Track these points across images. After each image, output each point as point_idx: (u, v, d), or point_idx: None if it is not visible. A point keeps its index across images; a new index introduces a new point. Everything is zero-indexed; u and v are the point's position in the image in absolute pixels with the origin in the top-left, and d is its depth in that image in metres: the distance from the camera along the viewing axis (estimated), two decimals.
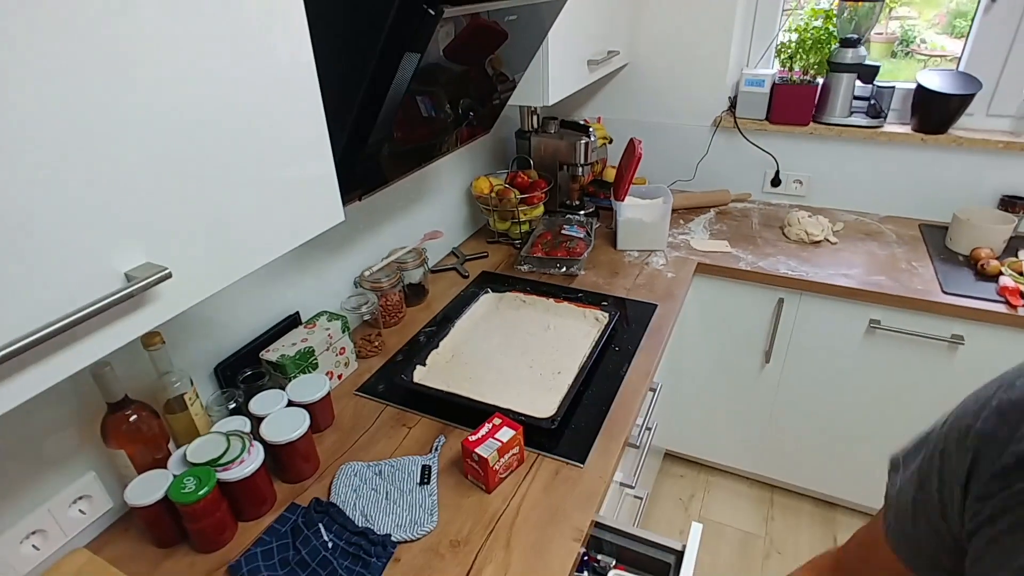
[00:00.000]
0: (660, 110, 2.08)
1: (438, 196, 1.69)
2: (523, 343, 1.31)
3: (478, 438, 0.95)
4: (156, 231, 0.56)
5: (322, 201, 0.76)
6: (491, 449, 0.93)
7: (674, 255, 1.71)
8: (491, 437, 0.95)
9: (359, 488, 0.97)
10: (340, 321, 1.20)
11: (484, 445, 0.94)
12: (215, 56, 0.57)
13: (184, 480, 0.85)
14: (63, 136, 0.47)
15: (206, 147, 0.59)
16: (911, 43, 2.02)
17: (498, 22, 1.01)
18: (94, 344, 0.52)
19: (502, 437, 0.95)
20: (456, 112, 1.19)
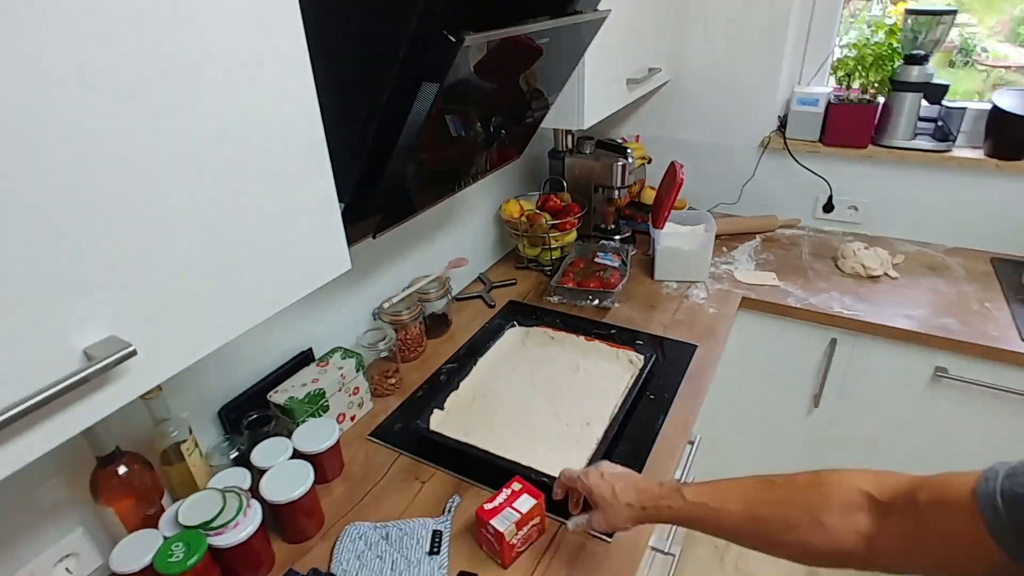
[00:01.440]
0: (703, 129, 1.95)
1: (465, 219, 1.60)
2: (550, 387, 1.21)
3: (495, 507, 0.86)
4: (124, 298, 0.48)
5: (324, 252, 0.68)
6: (508, 521, 0.83)
7: (716, 287, 1.59)
8: (509, 506, 0.85)
9: (363, 555, 0.88)
10: (355, 359, 1.13)
11: (501, 516, 0.84)
12: (202, 104, 0.50)
13: (172, 547, 0.77)
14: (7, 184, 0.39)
15: (185, 204, 0.51)
16: (971, 52, 1.85)
17: (532, 38, 0.92)
18: (39, 436, 0.45)
19: (521, 507, 0.85)
20: (487, 131, 1.10)
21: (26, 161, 0.40)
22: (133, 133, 0.46)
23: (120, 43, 0.44)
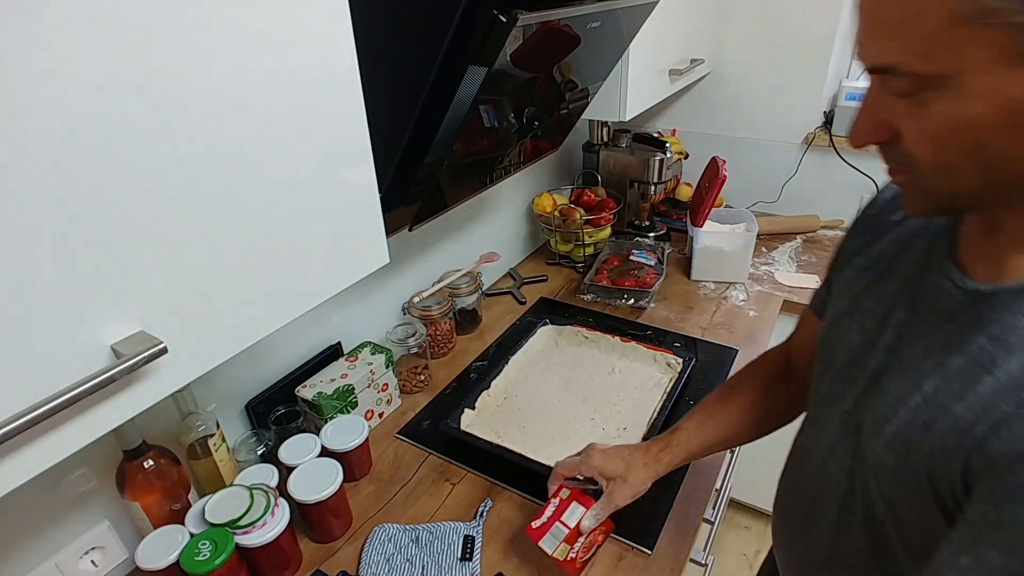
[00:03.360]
0: (744, 124, 1.88)
1: (496, 213, 1.56)
2: (584, 388, 1.16)
3: (542, 524, 0.80)
4: (153, 292, 0.45)
5: (363, 245, 0.64)
6: (557, 540, 0.78)
7: (756, 289, 1.52)
8: (558, 520, 0.80)
9: (392, 558, 0.85)
10: (384, 355, 1.09)
11: (549, 534, 0.79)
12: (246, 90, 0.46)
13: (199, 544, 0.75)
14: (38, 172, 0.36)
15: (219, 193, 0.48)
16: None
17: (572, 26, 0.87)
18: (63, 437, 0.42)
19: (570, 520, 0.80)
20: (520, 123, 1.06)
21: (51, 149, 0.37)
22: (165, 121, 0.42)
23: (157, 24, 0.40)
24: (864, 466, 0.52)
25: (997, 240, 0.45)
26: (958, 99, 0.37)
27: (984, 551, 0.40)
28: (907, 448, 0.47)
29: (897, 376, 0.50)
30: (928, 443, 0.45)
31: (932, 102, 0.38)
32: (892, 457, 0.48)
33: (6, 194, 0.35)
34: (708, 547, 1.13)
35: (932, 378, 0.46)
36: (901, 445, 0.47)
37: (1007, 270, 0.44)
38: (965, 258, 0.48)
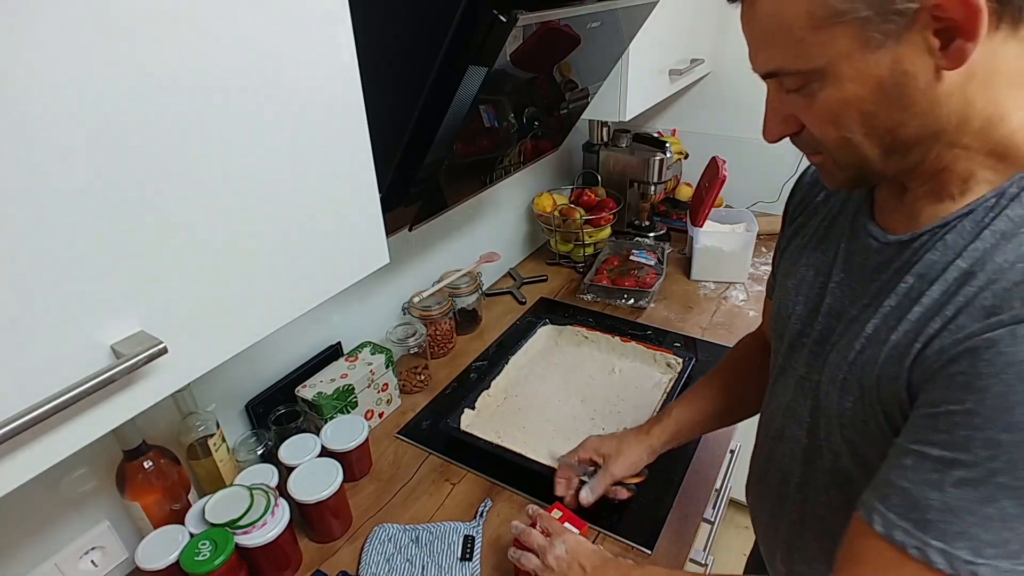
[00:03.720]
0: (743, 124, 1.88)
1: (496, 213, 1.56)
2: (584, 388, 1.17)
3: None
4: (154, 292, 0.45)
5: (363, 245, 0.64)
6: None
7: (756, 289, 1.52)
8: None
9: (392, 558, 0.85)
10: (384, 355, 1.09)
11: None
12: (246, 90, 0.46)
13: (199, 544, 0.75)
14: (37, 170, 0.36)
15: (218, 193, 0.48)
16: None
17: (572, 26, 0.87)
18: (63, 437, 0.42)
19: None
20: (520, 123, 1.06)
21: (51, 150, 0.37)
22: (164, 121, 0.42)
23: (156, 24, 0.40)
24: (826, 419, 0.56)
25: (905, 198, 0.51)
26: (837, 85, 0.44)
27: (924, 447, 0.43)
28: (860, 387, 0.51)
29: (843, 332, 0.54)
30: (875, 375, 0.49)
31: (818, 92, 0.45)
32: (850, 400, 0.52)
33: (6, 194, 0.35)
34: (708, 547, 1.13)
35: (872, 321, 0.50)
36: (855, 386, 0.51)
37: (919, 220, 0.49)
38: (883, 219, 0.54)
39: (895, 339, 0.47)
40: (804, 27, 0.43)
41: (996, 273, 0.42)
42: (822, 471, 0.59)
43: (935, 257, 0.47)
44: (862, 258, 0.55)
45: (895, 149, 0.46)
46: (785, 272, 0.65)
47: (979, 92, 0.42)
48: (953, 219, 0.46)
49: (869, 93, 0.43)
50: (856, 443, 0.53)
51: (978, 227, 0.45)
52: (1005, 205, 0.44)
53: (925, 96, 0.42)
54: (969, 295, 0.43)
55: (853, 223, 0.57)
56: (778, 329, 0.66)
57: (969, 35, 0.39)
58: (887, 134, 0.45)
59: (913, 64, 0.41)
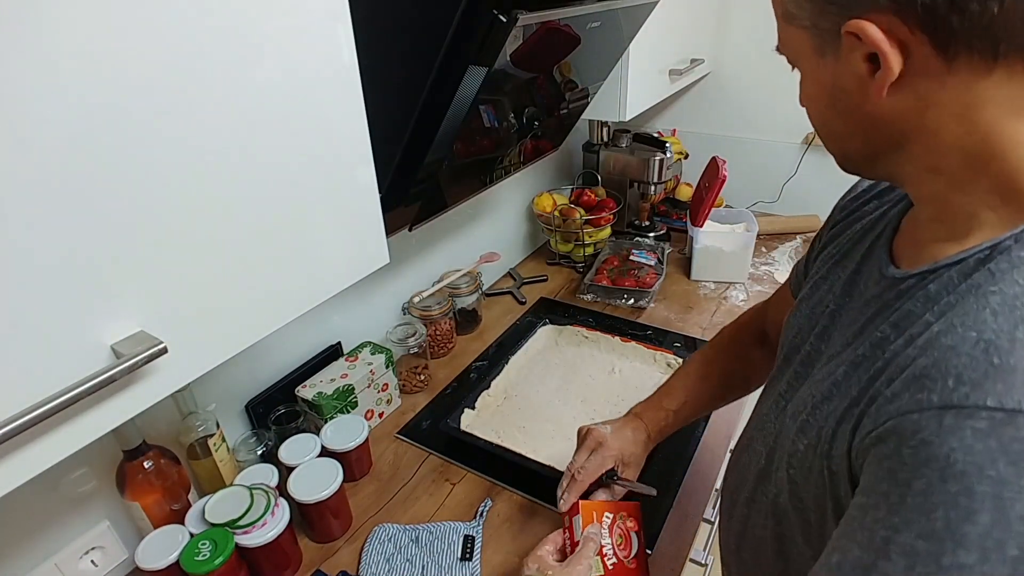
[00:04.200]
0: (743, 124, 1.88)
1: (496, 213, 1.56)
2: (584, 388, 1.17)
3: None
4: (154, 291, 0.45)
5: (363, 245, 0.64)
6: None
7: (756, 289, 1.52)
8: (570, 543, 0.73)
9: (392, 558, 0.85)
10: (384, 355, 1.09)
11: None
12: (246, 90, 0.46)
13: (199, 544, 0.75)
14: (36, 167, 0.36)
15: (219, 193, 0.48)
16: None
17: (572, 26, 0.87)
18: (63, 437, 0.42)
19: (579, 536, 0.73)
20: (520, 123, 1.06)
21: (51, 149, 0.37)
22: (164, 121, 0.42)
23: (156, 24, 0.40)
24: (780, 452, 0.53)
25: (919, 228, 0.47)
26: (803, 79, 0.45)
27: (849, 544, 0.39)
28: (817, 435, 0.47)
29: (824, 362, 0.51)
30: (831, 429, 0.45)
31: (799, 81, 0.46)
32: (803, 443, 0.49)
33: (6, 194, 0.35)
34: (708, 547, 1.13)
35: (842, 367, 0.47)
36: (811, 431, 0.48)
37: (922, 257, 0.45)
38: (898, 247, 0.50)
39: (856, 395, 0.43)
40: (781, 18, 0.44)
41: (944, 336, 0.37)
42: (766, 497, 0.56)
43: (913, 307, 0.42)
44: (864, 287, 0.51)
45: (850, 154, 0.46)
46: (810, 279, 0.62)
47: (952, 123, 0.39)
48: (943, 266, 0.42)
49: (820, 95, 0.44)
50: (799, 485, 0.50)
51: (962, 279, 0.40)
52: (994, 258, 0.39)
53: (865, 115, 0.42)
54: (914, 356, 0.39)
55: (872, 244, 0.53)
56: (781, 337, 0.63)
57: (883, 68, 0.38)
58: (838, 140, 0.46)
59: (848, 82, 0.41)
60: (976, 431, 0.33)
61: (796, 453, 0.49)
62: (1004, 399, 0.33)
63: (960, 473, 0.33)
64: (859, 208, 0.60)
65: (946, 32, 0.36)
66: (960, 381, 0.34)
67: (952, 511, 0.33)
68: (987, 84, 0.37)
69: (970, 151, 0.40)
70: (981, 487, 0.32)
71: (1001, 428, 0.32)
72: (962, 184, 0.41)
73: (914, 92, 0.39)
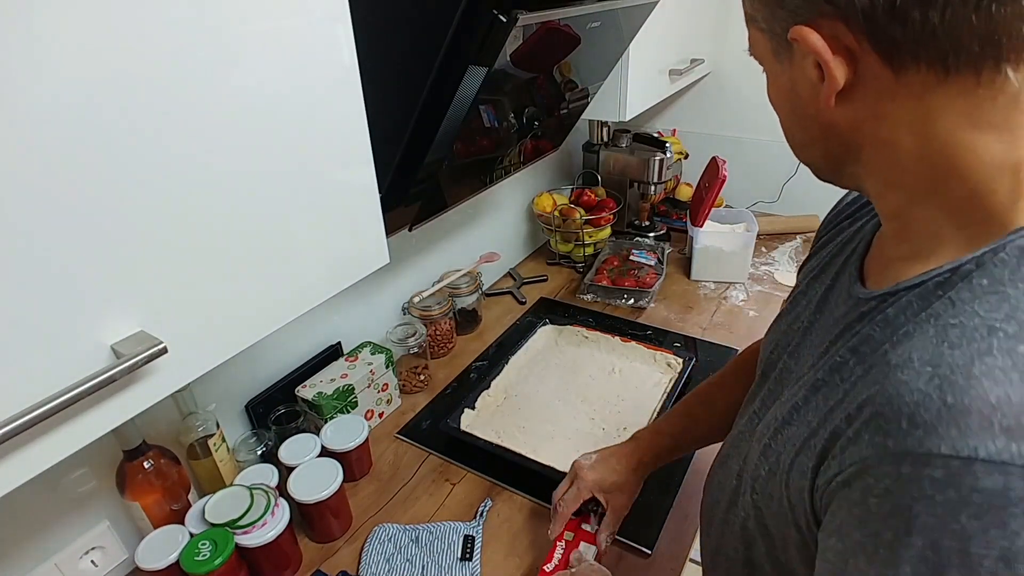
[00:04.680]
0: (743, 124, 1.88)
1: (496, 213, 1.56)
2: (584, 388, 1.16)
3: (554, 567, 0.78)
4: (154, 292, 0.45)
5: (363, 245, 0.64)
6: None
7: (756, 289, 1.52)
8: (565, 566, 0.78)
9: (392, 558, 0.85)
10: (384, 355, 1.09)
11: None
12: (246, 90, 0.46)
13: (199, 544, 0.75)
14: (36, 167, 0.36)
15: (218, 193, 0.48)
16: None
17: (572, 26, 0.87)
18: (63, 437, 0.42)
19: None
20: (520, 123, 1.06)
21: (52, 149, 0.37)
22: (165, 121, 0.42)
23: (156, 23, 0.40)
24: (747, 472, 0.51)
25: (886, 246, 0.46)
26: (768, 83, 0.45)
27: None
28: (776, 462, 0.45)
29: (792, 381, 0.49)
30: (790, 459, 0.43)
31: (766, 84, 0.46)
32: (765, 467, 0.47)
33: (6, 194, 0.35)
34: None
35: (803, 390, 0.45)
36: (772, 457, 0.46)
37: (887, 277, 0.43)
38: (868, 264, 0.48)
39: (816, 425, 0.41)
40: (746, 19, 0.44)
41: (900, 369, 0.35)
42: (736, 520, 0.54)
43: (872, 332, 0.40)
44: (833, 304, 0.49)
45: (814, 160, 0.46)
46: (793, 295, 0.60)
47: (907, 135, 0.37)
48: (903, 289, 0.40)
49: (781, 101, 0.44)
50: (762, 511, 0.48)
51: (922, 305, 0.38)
52: (956, 283, 0.37)
53: (820, 124, 0.41)
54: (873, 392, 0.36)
55: (847, 260, 0.51)
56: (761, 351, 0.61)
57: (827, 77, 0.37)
58: (800, 147, 0.46)
59: (804, 89, 0.40)
60: (934, 481, 0.31)
61: (759, 478, 0.48)
62: (958, 445, 0.31)
63: (924, 527, 0.31)
64: (841, 222, 0.59)
65: (889, 42, 0.34)
66: (913, 424, 0.33)
67: (922, 566, 0.32)
68: (940, 96, 0.35)
69: (928, 164, 0.38)
70: (947, 542, 0.31)
71: (959, 479, 0.31)
72: (923, 198, 0.40)
73: (864, 102, 0.38)
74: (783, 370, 0.53)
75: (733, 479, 0.55)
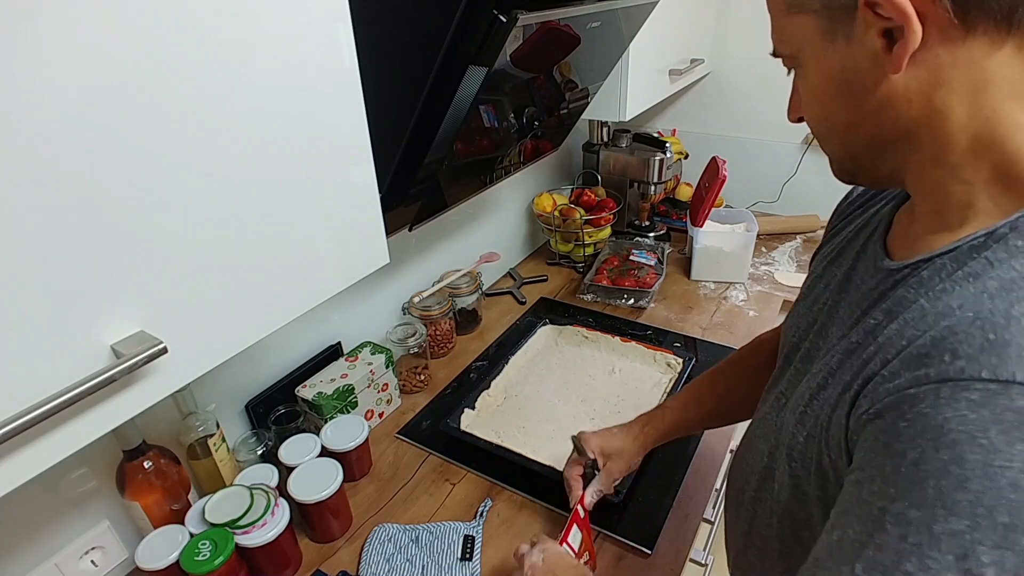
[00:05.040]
0: (743, 124, 1.88)
1: (496, 213, 1.56)
2: (584, 388, 1.17)
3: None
4: (153, 291, 0.45)
5: (363, 245, 0.64)
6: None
7: (756, 289, 1.52)
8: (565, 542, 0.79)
9: (392, 557, 0.85)
10: (384, 355, 1.09)
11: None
12: (246, 90, 0.46)
13: (199, 544, 0.75)
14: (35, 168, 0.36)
15: (217, 193, 0.48)
16: None
17: (572, 26, 0.87)
18: (63, 437, 0.42)
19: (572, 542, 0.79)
20: (520, 123, 1.06)
21: (52, 149, 0.37)
22: (165, 121, 0.42)
23: (156, 22, 0.40)
24: (780, 447, 0.53)
25: (913, 223, 0.48)
26: (806, 73, 0.44)
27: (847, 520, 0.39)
28: (816, 425, 0.47)
29: (822, 356, 0.51)
30: (828, 416, 0.45)
31: (798, 78, 0.46)
32: (803, 434, 0.49)
33: (6, 195, 0.35)
34: (708, 547, 1.13)
35: (837, 356, 0.47)
36: (810, 422, 0.48)
37: (917, 248, 0.45)
38: (893, 242, 0.50)
39: (849, 380, 0.44)
40: (782, 11, 0.44)
41: (942, 317, 0.38)
42: (770, 495, 0.56)
43: (906, 293, 0.43)
44: (860, 281, 0.52)
45: (855, 148, 0.46)
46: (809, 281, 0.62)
47: (959, 105, 0.39)
48: (938, 254, 0.42)
49: (826, 85, 0.43)
50: (800, 479, 0.50)
51: (957, 267, 0.40)
52: (990, 246, 0.39)
53: (874, 98, 0.41)
54: (912, 337, 0.39)
55: (866, 241, 0.54)
56: (782, 339, 0.64)
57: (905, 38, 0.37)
58: (844, 131, 0.45)
59: (861, 63, 0.40)
60: (970, 402, 0.33)
61: (796, 446, 0.50)
62: (998, 371, 0.33)
63: (952, 442, 0.33)
64: (852, 212, 0.61)
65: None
66: (956, 356, 0.35)
67: (944, 479, 0.33)
68: (996, 61, 0.37)
69: (974, 136, 0.40)
70: (972, 455, 0.33)
71: (994, 398, 0.33)
72: (963, 172, 0.41)
73: (926, 67, 0.38)
74: (809, 350, 0.55)
75: (764, 458, 0.57)
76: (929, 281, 0.41)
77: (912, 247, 0.46)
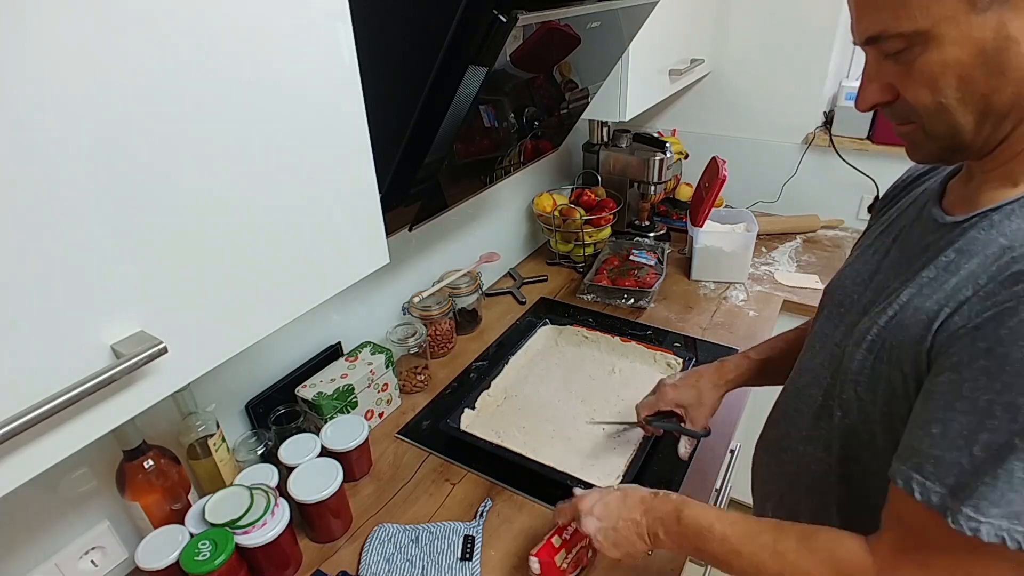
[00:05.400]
0: (743, 124, 1.88)
1: (496, 213, 1.56)
2: (584, 388, 1.17)
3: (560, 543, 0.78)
4: (153, 291, 0.45)
5: (363, 245, 0.64)
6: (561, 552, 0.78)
7: (756, 289, 1.52)
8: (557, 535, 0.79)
9: (392, 558, 0.85)
10: (384, 355, 1.09)
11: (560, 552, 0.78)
12: (246, 90, 0.46)
13: (199, 544, 0.75)
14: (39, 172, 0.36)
15: (218, 193, 0.48)
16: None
17: (572, 26, 0.87)
18: (63, 437, 0.42)
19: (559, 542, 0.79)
20: (520, 123, 1.06)
21: (51, 150, 0.37)
22: (164, 121, 0.43)
23: (156, 21, 0.40)
24: (843, 377, 0.59)
25: (970, 185, 0.54)
26: (939, 48, 0.45)
27: (950, 414, 0.46)
28: (885, 347, 0.54)
29: (881, 303, 0.57)
30: (901, 337, 0.52)
31: (919, 55, 0.46)
32: (871, 359, 0.55)
33: (8, 195, 0.35)
34: None
35: (907, 290, 0.53)
36: (879, 347, 0.55)
37: (979, 204, 0.52)
38: (949, 204, 0.56)
39: (928, 306, 0.50)
40: None
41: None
42: (827, 428, 0.62)
43: (979, 235, 0.49)
44: (917, 237, 0.58)
45: (988, 116, 0.47)
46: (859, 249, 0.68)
47: None
48: (1006, 203, 0.49)
49: (970, 57, 0.45)
50: (866, 402, 0.57)
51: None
52: None
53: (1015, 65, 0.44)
54: (1003, 265, 0.45)
55: (921, 209, 0.60)
56: (824, 301, 0.69)
57: None
58: (982, 100, 0.47)
59: (1019, 28, 0.43)
60: None
61: (864, 371, 0.56)
62: None
63: None
64: (899, 194, 0.69)
65: None
66: None
67: None
68: None
69: None
70: None
71: None
72: None
73: None
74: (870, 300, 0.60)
75: (816, 400, 0.64)
76: (1000, 223, 0.48)
77: (972, 205, 0.52)
